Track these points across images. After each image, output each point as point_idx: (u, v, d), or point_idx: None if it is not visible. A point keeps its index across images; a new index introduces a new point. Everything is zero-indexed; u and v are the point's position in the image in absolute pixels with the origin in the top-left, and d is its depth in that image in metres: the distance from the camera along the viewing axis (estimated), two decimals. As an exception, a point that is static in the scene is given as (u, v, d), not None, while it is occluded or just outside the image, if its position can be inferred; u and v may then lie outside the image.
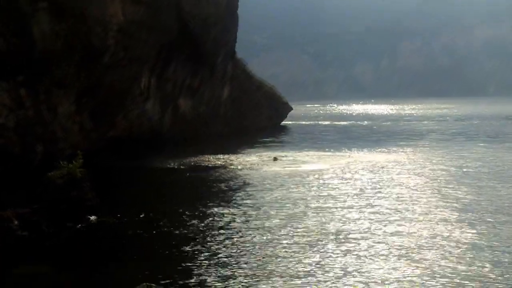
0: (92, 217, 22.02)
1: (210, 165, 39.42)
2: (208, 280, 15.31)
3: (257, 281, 15.23)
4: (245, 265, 16.51)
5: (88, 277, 16.19)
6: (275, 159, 40.85)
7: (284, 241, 18.93)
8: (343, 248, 18.08)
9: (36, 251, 18.64)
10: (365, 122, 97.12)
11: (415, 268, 16.04)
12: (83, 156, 23.17)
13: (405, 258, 16.90)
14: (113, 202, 25.49)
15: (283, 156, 42.37)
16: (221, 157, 43.25)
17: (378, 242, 18.64)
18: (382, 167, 36.55)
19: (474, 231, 19.91)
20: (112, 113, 43.31)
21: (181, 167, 39.20)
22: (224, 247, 18.40)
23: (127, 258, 17.84)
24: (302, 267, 16.23)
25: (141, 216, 23.17)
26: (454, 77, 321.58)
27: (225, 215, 23.10)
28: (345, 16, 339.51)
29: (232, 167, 38.34)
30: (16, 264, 17.09)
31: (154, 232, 20.88)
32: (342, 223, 21.47)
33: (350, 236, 19.52)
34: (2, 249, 18.55)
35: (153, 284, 13.71)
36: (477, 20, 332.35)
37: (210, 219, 22.56)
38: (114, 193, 28.93)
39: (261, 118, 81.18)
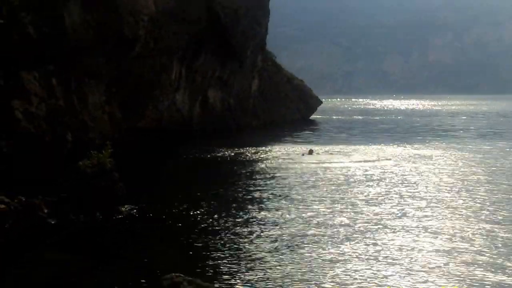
0: (121, 207, 22.03)
1: (241, 158, 38.99)
2: (235, 272, 15.21)
3: (283, 275, 15.09)
4: (273, 259, 16.36)
5: (115, 266, 16.18)
6: (310, 152, 39.92)
7: (314, 236, 18.76)
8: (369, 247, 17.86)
9: (64, 240, 18.69)
10: (400, 116, 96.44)
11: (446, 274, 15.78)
12: (113, 146, 23.17)
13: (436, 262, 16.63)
14: (141, 192, 25.49)
15: (318, 150, 41.45)
16: (253, 150, 42.79)
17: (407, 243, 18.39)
18: (418, 163, 36.18)
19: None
20: (142, 103, 43.44)
21: (211, 159, 38.98)
22: (253, 241, 18.25)
23: (154, 248, 17.81)
24: (327, 265, 16.05)
25: (169, 207, 23.14)
26: (485, 72, 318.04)
27: (257, 210, 22.88)
28: (376, 9, 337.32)
29: (265, 160, 37.85)
30: (44, 252, 17.17)
31: (183, 223, 20.82)
32: (376, 220, 21.22)
33: (378, 235, 19.28)
34: (31, 236, 18.64)
35: (181, 274, 13.59)
36: (509, 15, 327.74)
37: (240, 212, 22.42)
38: (143, 184, 28.96)
39: (290, 111, 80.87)
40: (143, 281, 14.76)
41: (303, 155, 39.60)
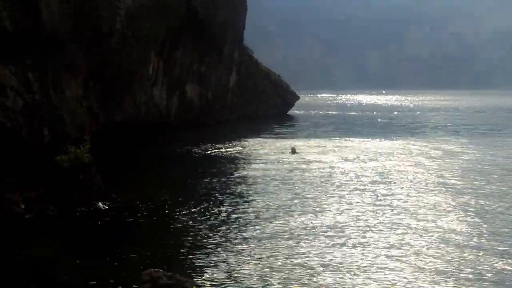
0: (99, 202, 21.92)
1: (222, 155, 38.67)
2: (214, 267, 15.22)
3: (260, 271, 15.14)
4: (251, 255, 16.42)
5: (93, 262, 16.10)
6: (293, 151, 38.04)
7: (292, 232, 18.84)
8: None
9: (41, 235, 18.57)
10: (374, 112, 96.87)
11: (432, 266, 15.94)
12: (90, 141, 23.06)
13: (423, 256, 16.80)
14: (119, 187, 25.37)
15: (299, 146, 40.37)
16: (233, 146, 42.47)
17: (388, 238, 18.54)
18: (394, 160, 36.41)
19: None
20: (120, 97, 43.17)
21: (191, 155, 38.80)
22: (231, 236, 18.29)
23: (134, 244, 17.76)
24: (310, 262, 16.13)
25: (147, 202, 23.07)
26: (462, 66, 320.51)
27: (237, 206, 22.85)
28: (353, 3, 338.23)
29: (245, 157, 37.58)
30: (21, 248, 17.03)
31: (161, 218, 20.79)
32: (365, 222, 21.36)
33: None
34: (8, 232, 18.48)
35: (160, 270, 13.59)
36: (486, 9, 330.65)
37: (219, 208, 22.43)
38: (121, 179, 28.81)
39: (268, 106, 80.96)
40: (123, 276, 14.72)
41: (291, 151, 37.97)
